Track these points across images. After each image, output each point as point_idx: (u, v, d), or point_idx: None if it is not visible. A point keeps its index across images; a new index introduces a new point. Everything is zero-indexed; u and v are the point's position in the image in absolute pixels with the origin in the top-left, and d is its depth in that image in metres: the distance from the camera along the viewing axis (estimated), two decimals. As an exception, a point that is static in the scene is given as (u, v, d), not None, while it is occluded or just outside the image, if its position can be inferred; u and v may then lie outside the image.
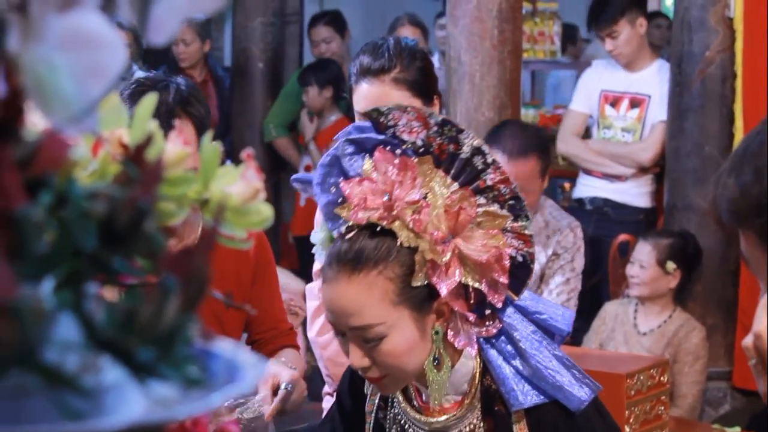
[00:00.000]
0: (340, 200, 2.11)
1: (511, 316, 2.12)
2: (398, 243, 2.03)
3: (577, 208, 5.66)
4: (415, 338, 2.08)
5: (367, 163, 2.09)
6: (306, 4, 8.07)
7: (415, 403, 2.22)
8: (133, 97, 2.59)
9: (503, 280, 2.05)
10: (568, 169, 6.14)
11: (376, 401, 2.27)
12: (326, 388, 3.30)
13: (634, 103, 5.65)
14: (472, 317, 2.08)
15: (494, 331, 2.10)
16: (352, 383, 2.33)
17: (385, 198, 2.04)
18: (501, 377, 2.12)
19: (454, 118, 4.07)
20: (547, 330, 2.17)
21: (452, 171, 2.08)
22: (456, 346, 2.10)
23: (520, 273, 2.11)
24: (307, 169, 6.69)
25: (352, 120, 7.03)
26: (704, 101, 5.15)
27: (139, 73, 2.77)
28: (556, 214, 4.33)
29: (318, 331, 3.15)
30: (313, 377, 5.25)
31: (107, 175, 1.15)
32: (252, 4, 7.15)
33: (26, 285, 0.85)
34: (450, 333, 2.10)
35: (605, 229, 5.62)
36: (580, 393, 2.11)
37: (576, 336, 4.84)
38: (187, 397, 0.90)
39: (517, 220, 2.09)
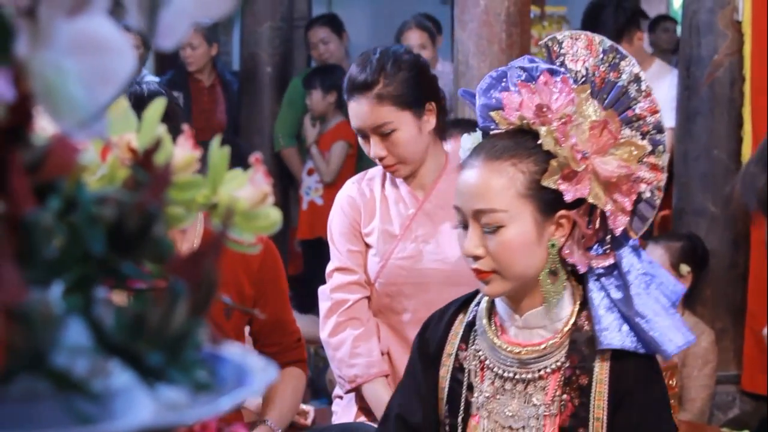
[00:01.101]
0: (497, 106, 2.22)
1: (625, 255, 2.20)
2: (539, 144, 2.14)
3: None
4: (531, 238, 2.16)
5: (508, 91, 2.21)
6: (314, 9, 8.08)
7: (497, 337, 2.26)
8: None
9: (627, 205, 2.15)
10: None
11: (456, 342, 2.31)
12: (337, 390, 3.30)
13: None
14: (590, 237, 2.17)
15: (606, 262, 2.19)
16: (421, 345, 2.36)
17: (537, 102, 2.15)
18: (597, 315, 2.18)
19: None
20: None
21: (607, 100, 2.20)
22: (568, 260, 2.18)
23: (644, 210, 2.21)
24: (310, 173, 6.69)
25: (348, 122, 7.03)
26: (713, 105, 5.15)
27: (149, 78, 2.76)
28: None
29: (330, 332, 3.15)
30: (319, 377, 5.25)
31: (116, 180, 1.15)
32: (260, 9, 7.15)
33: (35, 290, 0.85)
34: (566, 250, 2.18)
35: None
36: (675, 338, 2.18)
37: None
38: (196, 401, 0.90)
39: (653, 152, 2.19)
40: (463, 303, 2.37)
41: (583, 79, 2.22)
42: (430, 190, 3.18)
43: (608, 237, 2.18)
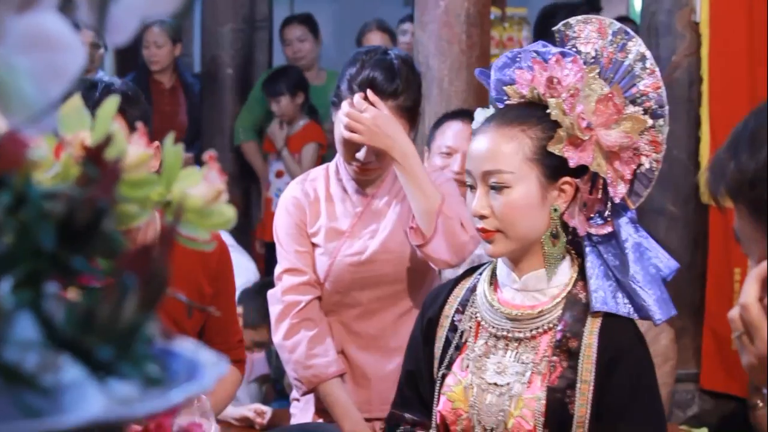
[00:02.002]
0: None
1: (623, 225, 2.34)
2: (548, 113, 2.27)
3: None
4: (535, 200, 2.29)
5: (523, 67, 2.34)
6: (275, 10, 8.06)
7: (495, 299, 2.38)
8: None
9: (627, 174, 2.28)
10: None
11: (455, 306, 2.43)
12: (294, 393, 3.29)
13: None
14: (591, 205, 2.29)
15: (605, 231, 2.32)
16: (422, 327, 2.48)
17: (546, 78, 2.28)
18: (593, 281, 2.30)
19: (422, 123, 4.09)
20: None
21: (614, 78, 2.33)
22: (569, 223, 2.31)
23: (642, 180, 2.34)
24: (279, 175, 6.67)
25: (319, 123, 6.97)
26: (671, 105, 5.14)
27: (105, 79, 2.74)
28: None
29: (284, 335, 3.14)
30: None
31: (69, 178, 1.15)
32: (221, 11, 7.13)
33: (-16, 284, 0.85)
34: (568, 214, 2.31)
35: None
36: (662, 308, 2.33)
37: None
38: (147, 395, 0.90)
39: (654, 127, 2.32)
40: (468, 272, 2.51)
41: (593, 60, 2.34)
42: (378, 187, 3.17)
43: (608, 207, 2.31)
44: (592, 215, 2.32)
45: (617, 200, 2.30)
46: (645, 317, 2.32)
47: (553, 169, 2.29)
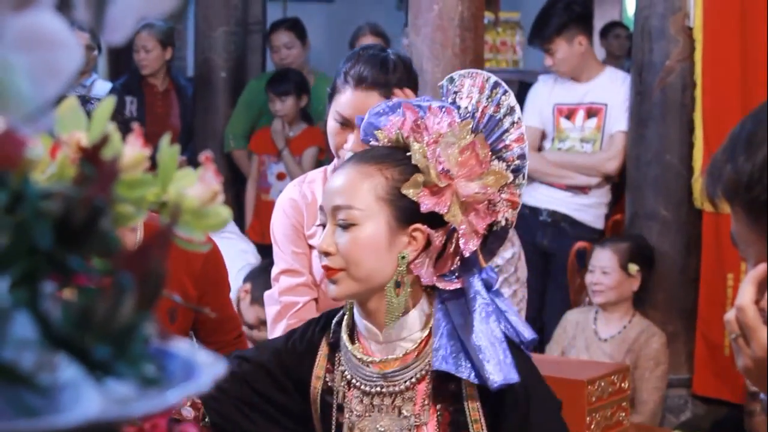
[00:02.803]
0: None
1: (474, 283, 2.22)
2: (408, 156, 2.20)
3: (529, 216, 5.62)
4: (382, 242, 2.20)
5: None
6: (269, 13, 8.07)
7: (360, 353, 2.27)
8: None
9: (481, 228, 2.18)
10: None
11: (324, 365, 2.32)
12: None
13: (591, 113, 5.64)
14: (444, 260, 2.20)
15: (453, 286, 2.21)
16: (294, 353, 2.36)
17: (412, 121, 2.22)
18: (437, 339, 2.19)
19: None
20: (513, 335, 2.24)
21: (485, 131, 2.26)
22: (414, 273, 2.20)
23: (495, 239, 2.27)
24: (281, 177, 6.65)
25: (317, 128, 6.98)
26: (664, 110, 5.19)
27: (100, 82, 2.75)
28: None
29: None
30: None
31: (65, 178, 1.15)
32: (214, 14, 7.14)
33: (-19, 283, 0.85)
34: (416, 263, 2.20)
35: (559, 243, 5.61)
36: (498, 374, 2.13)
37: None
38: (144, 395, 0.90)
39: (514, 181, 2.25)
40: (325, 324, 2.38)
41: (469, 114, 2.28)
42: None
43: (456, 262, 2.20)
44: (445, 272, 2.22)
45: (467, 254, 2.18)
46: (482, 381, 2.16)
47: (405, 213, 2.19)
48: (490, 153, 2.23)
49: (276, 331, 3.15)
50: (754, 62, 5.00)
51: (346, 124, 3.05)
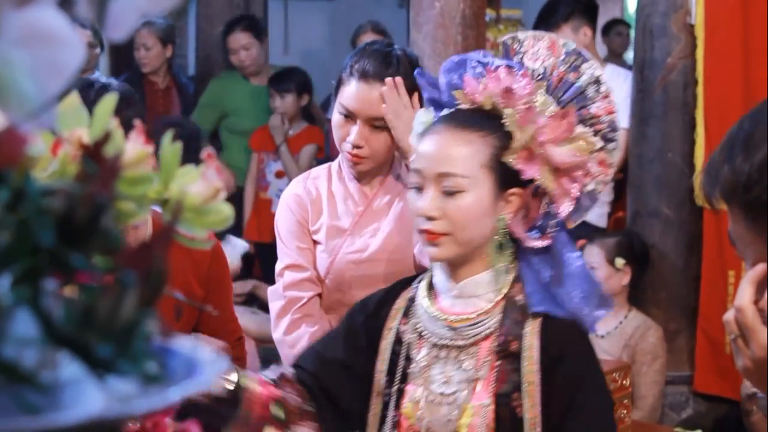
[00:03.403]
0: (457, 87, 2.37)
1: (561, 241, 2.35)
2: (503, 124, 2.29)
3: None
4: (486, 207, 2.29)
5: (470, 74, 2.36)
6: (271, 11, 8.06)
7: (434, 308, 2.38)
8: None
9: (574, 192, 2.31)
10: None
11: (398, 317, 2.42)
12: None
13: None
14: (532, 219, 2.32)
15: (542, 243, 2.33)
16: (364, 309, 2.49)
17: (495, 90, 2.30)
18: (527, 280, 2.33)
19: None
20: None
21: (562, 98, 2.34)
22: (513, 235, 2.32)
23: (584, 201, 2.36)
24: (279, 175, 6.65)
25: (317, 127, 6.96)
26: (666, 108, 5.18)
27: (102, 79, 2.74)
28: None
29: (285, 331, 3.14)
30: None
31: (67, 176, 1.15)
32: (216, 11, 7.13)
33: (-17, 280, 0.85)
34: (511, 225, 2.32)
35: None
36: (594, 317, 2.34)
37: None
38: (146, 392, 0.90)
39: (604, 149, 2.34)
40: (407, 281, 2.50)
41: (540, 77, 2.35)
42: (379, 187, 3.19)
43: (550, 222, 2.33)
44: (529, 229, 2.34)
45: (562, 216, 2.32)
46: (578, 319, 2.33)
47: (505, 179, 2.30)
48: (577, 119, 2.32)
49: (280, 326, 3.15)
50: (755, 60, 5.00)
51: (350, 116, 3.08)
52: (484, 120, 2.31)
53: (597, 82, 2.36)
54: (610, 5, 9.24)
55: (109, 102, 1.19)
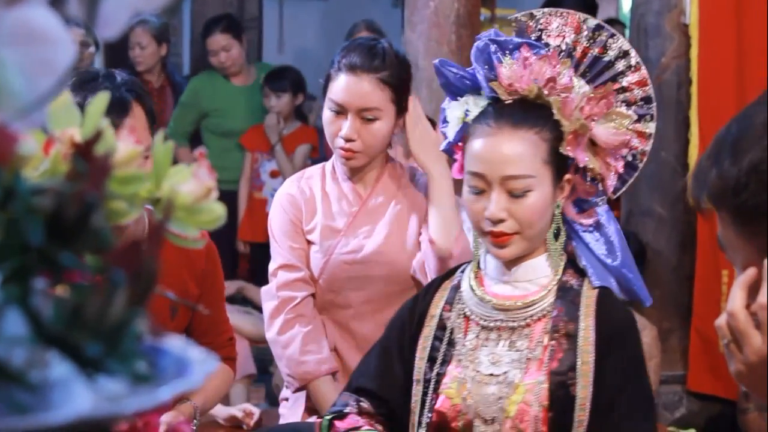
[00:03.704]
0: (489, 78, 2.36)
1: (604, 214, 2.41)
2: (547, 113, 2.31)
3: None
4: (549, 200, 2.35)
5: (507, 59, 2.34)
6: (265, 10, 8.06)
7: (482, 292, 2.41)
8: (82, 85, 2.59)
9: (620, 168, 2.36)
10: None
11: (441, 304, 2.44)
12: (284, 393, 3.29)
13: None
14: (586, 193, 2.38)
15: (591, 221, 2.40)
16: (412, 307, 2.49)
17: (538, 80, 2.31)
18: (582, 257, 2.39)
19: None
20: None
21: (590, 73, 2.37)
22: (567, 218, 2.39)
23: (626, 172, 2.40)
24: (274, 174, 6.63)
25: (311, 126, 6.94)
26: (660, 107, 5.14)
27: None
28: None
29: (279, 330, 3.14)
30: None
31: (58, 174, 1.14)
32: (210, 10, 7.12)
33: (-28, 279, 0.85)
34: (564, 209, 2.38)
35: None
36: (645, 294, 2.45)
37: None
38: (135, 392, 0.90)
39: (640, 121, 2.38)
40: (450, 272, 2.52)
41: (564, 54, 2.37)
42: (373, 187, 3.19)
43: (596, 198, 2.40)
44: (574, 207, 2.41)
45: (609, 193, 2.38)
46: (631, 299, 2.43)
47: (560, 167, 2.34)
48: (610, 96, 2.35)
49: (273, 326, 3.15)
50: (749, 59, 5.00)
51: (341, 110, 3.08)
52: (531, 112, 2.32)
53: (626, 55, 2.39)
54: (605, 4, 9.24)
55: (100, 101, 1.18)
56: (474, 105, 2.39)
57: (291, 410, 3.23)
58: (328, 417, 2.45)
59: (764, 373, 1.45)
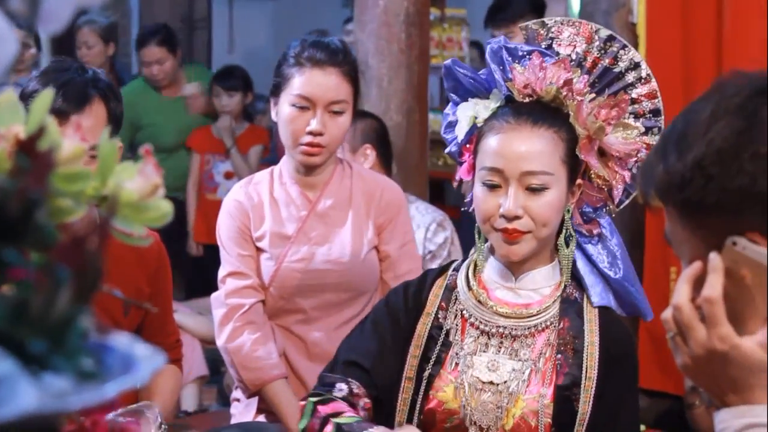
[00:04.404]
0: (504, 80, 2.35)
1: (607, 226, 2.41)
2: (563, 115, 2.31)
3: None
4: (563, 202, 2.32)
5: (517, 66, 2.34)
6: (214, 10, 8.03)
7: (483, 296, 2.37)
8: (49, 73, 2.59)
9: (627, 177, 2.35)
10: (449, 171, 6.07)
11: (437, 303, 2.40)
12: (235, 393, 3.27)
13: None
14: (593, 201, 2.37)
15: (596, 231, 2.39)
16: (406, 299, 2.44)
17: (554, 82, 2.30)
18: (585, 278, 2.37)
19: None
20: None
21: (599, 84, 2.36)
22: (574, 225, 2.38)
23: (630, 185, 2.39)
24: (228, 176, 6.57)
25: (260, 126, 6.87)
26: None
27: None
28: (421, 209, 4.29)
29: (227, 338, 3.12)
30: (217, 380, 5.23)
31: (1, 172, 1.13)
32: (158, 10, 7.09)
33: None
34: (573, 216, 2.37)
35: None
36: (646, 306, 2.44)
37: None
38: (81, 389, 0.89)
39: (647, 133, 2.37)
40: (441, 270, 2.47)
41: (574, 63, 2.36)
42: (322, 191, 3.16)
43: (601, 208, 2.40)
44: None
45: (615, 204, 2.37)
46: (631, 314, 2.42)
47: (574, 170, 2.33)
48: (624, 103, 2.34)
49: (223, 334, 3.12)
50: (695, 58, 5.04)
51: (308, 105, 3.06)
52: (547, 113, 2.31)
53: (636, 67, 2.38)
54: (553, 4, 9.29)
55: (45, 97, 1.17)
56: (484, 108, 2.37)
57: (243, 411, 3.22)
58: (313, 400, 2.40)
59: (709, 365, 1.46)
